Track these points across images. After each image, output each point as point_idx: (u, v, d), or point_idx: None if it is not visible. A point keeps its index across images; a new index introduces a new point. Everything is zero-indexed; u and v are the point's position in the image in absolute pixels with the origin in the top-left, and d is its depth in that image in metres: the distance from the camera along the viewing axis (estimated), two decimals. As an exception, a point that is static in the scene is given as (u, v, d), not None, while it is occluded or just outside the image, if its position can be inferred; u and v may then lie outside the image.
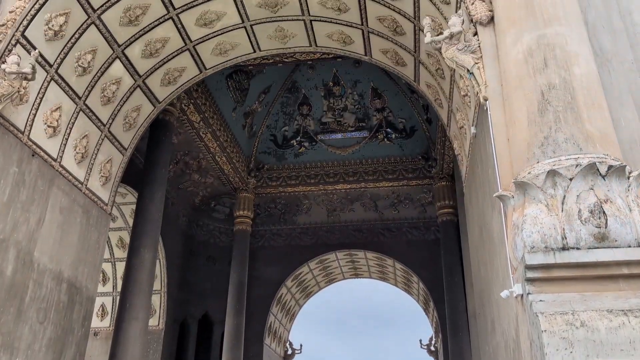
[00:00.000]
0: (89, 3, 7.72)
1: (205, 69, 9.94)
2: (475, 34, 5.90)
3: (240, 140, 17.16)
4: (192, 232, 18.13)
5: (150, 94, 9.53)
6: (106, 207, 9.00)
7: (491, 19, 5.87)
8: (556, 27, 5.24)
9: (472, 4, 5.96)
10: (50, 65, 7.56)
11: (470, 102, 6.80)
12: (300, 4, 9.00)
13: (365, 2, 8.47)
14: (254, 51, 9.95)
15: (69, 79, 7.92)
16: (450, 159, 15.96)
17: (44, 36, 7.32)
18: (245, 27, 9.43)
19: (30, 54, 6.69)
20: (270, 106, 17.87)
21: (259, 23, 9.39)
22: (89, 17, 7.84)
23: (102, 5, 7.91)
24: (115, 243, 14.86)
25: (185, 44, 9.32)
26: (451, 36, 5.83)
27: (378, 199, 18.44)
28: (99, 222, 8.73)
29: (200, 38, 9.36)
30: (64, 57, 7.72)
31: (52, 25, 7.34)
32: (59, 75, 7.72)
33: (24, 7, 6.95)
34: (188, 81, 9.95)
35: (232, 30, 9.42)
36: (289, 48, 9.95)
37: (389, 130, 17.87)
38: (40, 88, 7.43)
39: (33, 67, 6.53)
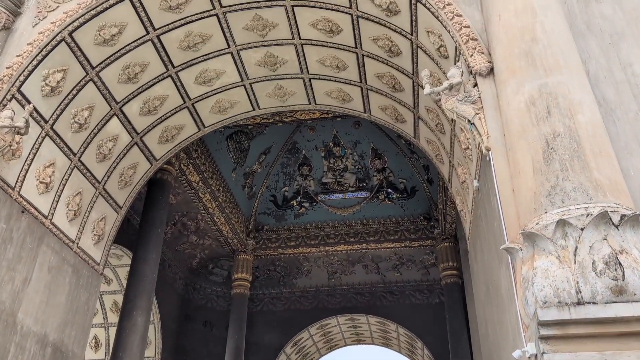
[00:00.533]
0: (87, 60, 7.74)
1: (204, 126, 9.89)
2: (475, 85, 5.81)
3: (240, 201, 16.98)
4: (188, 295, 17.64)
5: (148, 152, 9.42)
6: (98, 266, 8.69)
7: (491, 70, 5.81)
8: (557, 76, 5.15)
9: (471, 56, 5.92)
10: (46, 121, 7.48)
11: (472, 155, 6.64)
12: (300, 63, 9.05)
13: (363, 60, 8.50)
14: (253, 109, 9.93)
15: (65, 135, 7.82)
16: (452, 219, 15.72)
17: (41, 92, 7.28)
18: (244, 86, 9.44)
19: (25, 109, 6.61)
20: (270, 167, 17.80)
21: (258, 81, 9.41)
22: (88, 74, 7.84)
23: (101, 63, 7.93)
24: (110, 307, 14.39)
25: (184, 102, 9.31)
26: (450, 87, 5.75)
27: (380, 261, 18.05)
28: (89, 282, 8.39)
29: (199, 96, 9.36)
30: (60, 113, 7.65)
31: (50, 81, 7.31)
32: (54, 131, 7.63)
33: (22, 62, 6.94)
34: (186, 139, 9.87)
35: (231, 88, 9.43)
36: (288, 106, 9.93)
37: (389, 190, 17.71)
38: (35, 143, 7.32)
39: (26, 122, 6.43)
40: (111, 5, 7.49)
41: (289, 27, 8.43)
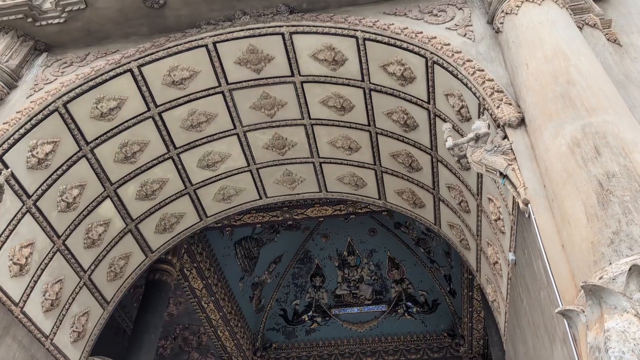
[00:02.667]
0: (82, 134, 7.24)
1: (206, 216, 9.15)
2: (505, 137, 5.09)
3: (247, 313, 15.72)
4: (187, 423, 15.75)
5: (143, 241, 8.62)
6: (74, 370, 7.52)
7: (521, 121, 5.13)
8: (603, 116, 4.44)
9: (498, 107, 5.27)
10: (29, 196, 6.81)
11: (504, 226, 5.75)
12: (309, 145, 8.50)
13: (377, 138, 7.92)
14: (260, 197, 9.23)
15: (49, 214, 7.11)
16: (480, 335, 14.24)
17: (26, 163, 6.70)
18: (250, 171, 8.84)
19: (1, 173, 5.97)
20: (281, 278, 16.72)
21: (266, 166, 8.82)
22: (81, 149, 7.31)
23: (96, 138, 7.42)
24: None
25: (185, 187, 8.66)
26: (477, 138, 5.03)
27: (401, 385, 16.21)
28: (62, 388, 7.20)
29: (202, 181, 8.73)
30: (46, 189, 7.00)
31: (37, 153, 6.76)
32: (37, 208, 6.93)
33: (7, 129, 6.45)
34: (186, 229, 9.09)
35: (237, 173, 8.82)
36: (298, 194, 9.22)
37: (409, 304, 16.36)
38: (12, 219, 6.59)
39: (1, 187, 5.77)
40: (111, 78, 7.15)
41: (298, 106, 7.98)
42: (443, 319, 15.98)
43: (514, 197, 5.07)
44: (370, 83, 7.28)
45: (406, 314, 16.28)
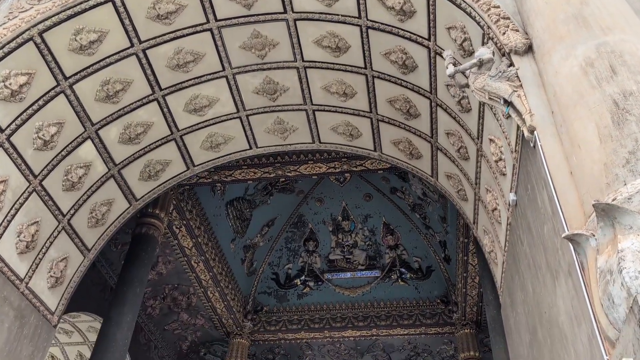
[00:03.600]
0: (59, 68, 6.80)
1: (194, 165, 8.76)
2: (510, 65, 4.69)
3: (238, 276, 15.43)
4: (176, 384, 15.61)
5: (126, 188, 8.24)
6: (51, 316, 7.21)
7: (529, 48, 4.70)
8: (620, 35, 4.05)
9: (504, 34, 4.85)
10: (1, 130, 6.41)
11: (505, 167, 5.38)
12: (302, 90, 8.08)
13: (374, 82, 7.50)
14: (250, 147, 8.84)
15: (24, 151, 6.71)
16: (473, 302, 14.01)
17: (-2, 94, 6.28)
18: (240, 118, 8.43)
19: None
20: (273, 241, 16.42)
21: (256, 113, 8.40)
22: (59, 84, 6.87)
23: (75, 74, 6.98)
24: (74, 358, 12.73)
25: (172, 133, 8.26)
26: (480, 64, 4.62)
27: (392, 351, 16.04)
28: (37, 333, 6.89)
29: (189, 127, 8.32)
30: (21, 124, 6.59)
31: (10, 84, 6.33)
32: (11, 144, 6.52)
33: (-24, 56, 6.01)
34: (173, 178, 8.71)
35: (225, 120, 8.41)
36: (290, 145, 8.83)
37: (403, 270, 16.11)
38: (-18, 152, 6.21)
39: (-33, 112, 5.36)
40: (91, 7, 6.67)
41: (290, 46, 7.53)
42: (437, 285, 15.75)
43: (517, 130, 4.69)
44: (367, 20, 6.83)
45: (399, 280, 16.04)
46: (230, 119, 8.38)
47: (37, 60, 6.55)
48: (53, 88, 6.84)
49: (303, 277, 16.46)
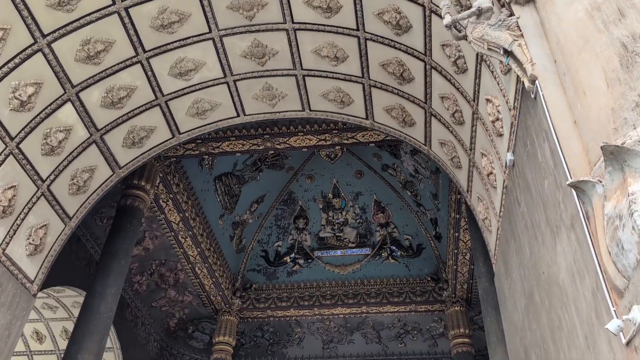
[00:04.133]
0: (36, 24, 6.47)
1: (179, 132, 8.48)
2: (510, 15, 4.44)
3: (227, 253, 15.21)
4: (163, 361, 15.44)
5: (109, 155, 7.95)
6: (30, 285, 6.96)
7: (530, -3, 4.45)
8: (628, -22, 3.77)
9: (503, -18, 4.59)
10: (-25, 87, 6.11)
11: (502, 127, 5.16)
12: (292, 54, 7.79)
13: (366, 45, 7.23)
14: (237, 115, 8.56)
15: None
16: (464, 279, 13.91)
17: (-31, 49, 5.97)
18: (227, 83, 8.13)
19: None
20: (263, 218, 16.19)
21: (244, 78, 8.11)
22: (36, 41, 6.55)
23: (54, 31, 6.65)
24: (59, 334, 12.61)
25: (156, 98, 7.95)
26: (479, 13, 4.37)
27: (382, 329, 15.96)
28: (14, 302, 6.64)
29: (175, 92, 8.02)
30: (-4, 82, 6.28)
31: (-17, 39, 6.01)
32: (-15, 103, 6.23)
33: (-53, 6, 5.68)
34: (158, 146, 8.42)
35: (212, 85, 8.12)
36: (279, 113, 8.56)
37: (393, 247, 15.96)
38: (-45, 110, 5.90)
39: None
40: (70, -40, 6.34)
41: (280, 7, 7.23)
42: (427, 263, 15.64)
43: (516, 85, 4.46)
44: (360, -24, 6.55)
45: (390, 258, 15.90)
46: (217, 84, 8.09)
47: (12, 15, 6.22)
48: (30, 46, 6.51)
49: (293, 255, 16.28)
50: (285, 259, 16.28)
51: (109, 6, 6.87)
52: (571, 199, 3.27)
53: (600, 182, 2.94)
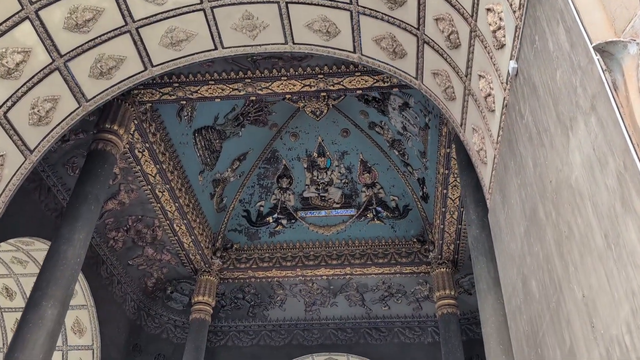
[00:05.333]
0: None
1: (152, 65, 7.85)
2: None
3: (207, 212, 14.67)
4: (140, 322, 14.98)
5: (74, 85, 7.32)
6: (-15, 219, 6.39)
7: None
8: None
9: None
10: None
11: (504, 36, 4.64)
12: (274, -22, 7.17)
13: (354, -35, 6.63)
14: (215, 48, 7.94)
15: (-54, 22, 5.76)
16: (451, 239, 13.53)
17: None
18: (204, 10, 7.49)
19: None
20: (245, 177, 15.64)
21: (222, 5, 7.47)
22: (-13, -54, 5.88)
23: (8, -64, 5.98)
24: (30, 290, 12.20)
25: (126, 23, 7.30)
26: None
27: (366, 291, 15.61)
28: (-34, 234, 6.07)
29: (146, 18, 7.37)
30: (-59, -12, 5.62)
31: None
32: None
33: None
34: (129, 79, 7.80)
35: (187, 12, 7.48)
36: (260, 45, 7.96)
37: (379, 208, 15.53)
38: None
39: None
40: None
41: None
42: (413, 224, 15.25)
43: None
44: None
45: (375, 219, 15.49)
46: (193, 10, 7.45)
47: None
48: (-20, -50, 5.85)
49: (276, 215, 15.79)
50: (267, 219, 15.79)
51: None
52: (591, 76, 2.78)
53: (634, 40, 2.44)
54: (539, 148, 3.89)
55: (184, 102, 10.81)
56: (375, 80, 10.13)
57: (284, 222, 15.72)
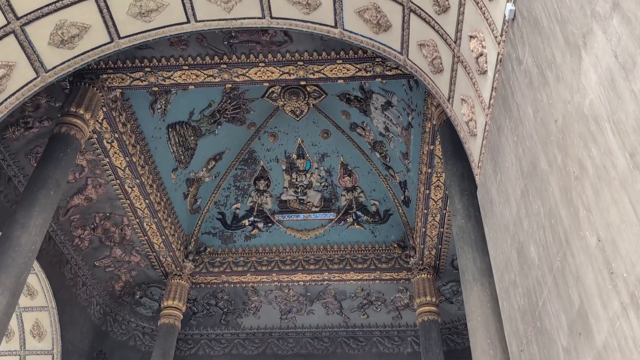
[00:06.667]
0: None
1: (119, 36, 7.31)
2: None
3: (180, 212, 14.03)
4: (106, 327, 14.19)
5: (32, 52, 6.75)
6: None
7: None
8: None
9: None
10: None
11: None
12: (251, -56, 6.73)
13: None
14: (188, 21, 7.44)
15: None
16: (432, 244, 13.09)
17: None
18: (176, -22, 7.02)
19: None
20: (221, 178, 15.07)
21: (196, -27, 7.01)
22: None
23: None
24: None
25: (91, -12, 6.79)
26: None
27: (344, 299, 15.03)
28: None
29: (113, -17, 6.87)
30: None
31: None
32: None
33: None
34: (93, 50, 7.24)
35: (158, -21, 6.99)
36: (235, 20, 7.48)
37: (359, 213, 15.04)
38: None
39: None
40: None
41: None
42: (394, 229, 14.78)
43: None
44: None
45: (355, 224, 14.98)
46: (165, -22, 6.97)
47: None
48: None
49: (252, 218, 15.20)
50: (243, 222, 15.19)
51: None
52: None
53: None
54: (541, 89, 3.44)
55: (156, 89, 10.24)
56: (357, 69, 9.72)
57: (261, 225, 15.13)
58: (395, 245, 14.50)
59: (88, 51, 7.19)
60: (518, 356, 4.00)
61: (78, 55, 7.16)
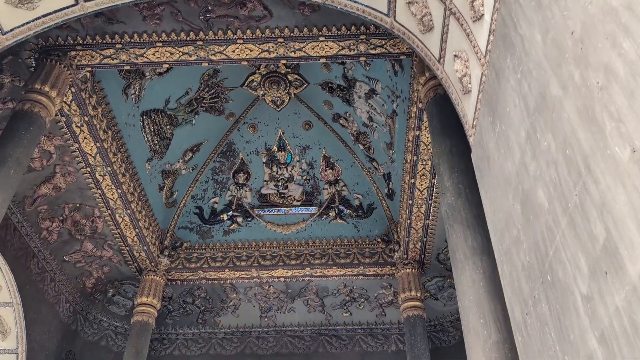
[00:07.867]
0: None
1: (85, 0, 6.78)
2: None
3: (155, 205, 13.42)
4: (76, 326, 13.46)
5: (-13, 11, 6.19)
6: None
7: None
8: None
9: None
10: None
11: None
12: None
13: None
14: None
15: None
16: (417, 236, 12.66)
17: None
18: None
19: None
20: (198, 172, 14.51)
21: None
22: None
23: None
24: None
25: (52, -60, 6.26)
26: None
27: (326, 296, 14.51)
28: None
29: (78, -63, 6.35)
30: None
31: None
32: None
33: None
34: (55, 13, 6.69)
35: None
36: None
37: (342, 207, 14.57)
38: None
39: None
40: None
41: None
42: (378, 224, 14.34)
43: None
44: None
45: (338, 218, 14.51)
46: None
47: None
48: None
49: (231, 213, 14.64)
50: (222, 216, 14.62)
51: None
52: None
53: None
54: (552, 4, 3.01)
55: (128, 68, 9.67)
56: (340, 48, 9.29)
57: (240, 220, 14.58)
58: (379, 240, 14.06)
59: (50, 13, 6.64)
60: (522, 322, 3.55)
61: (39, 17, 6.60)
